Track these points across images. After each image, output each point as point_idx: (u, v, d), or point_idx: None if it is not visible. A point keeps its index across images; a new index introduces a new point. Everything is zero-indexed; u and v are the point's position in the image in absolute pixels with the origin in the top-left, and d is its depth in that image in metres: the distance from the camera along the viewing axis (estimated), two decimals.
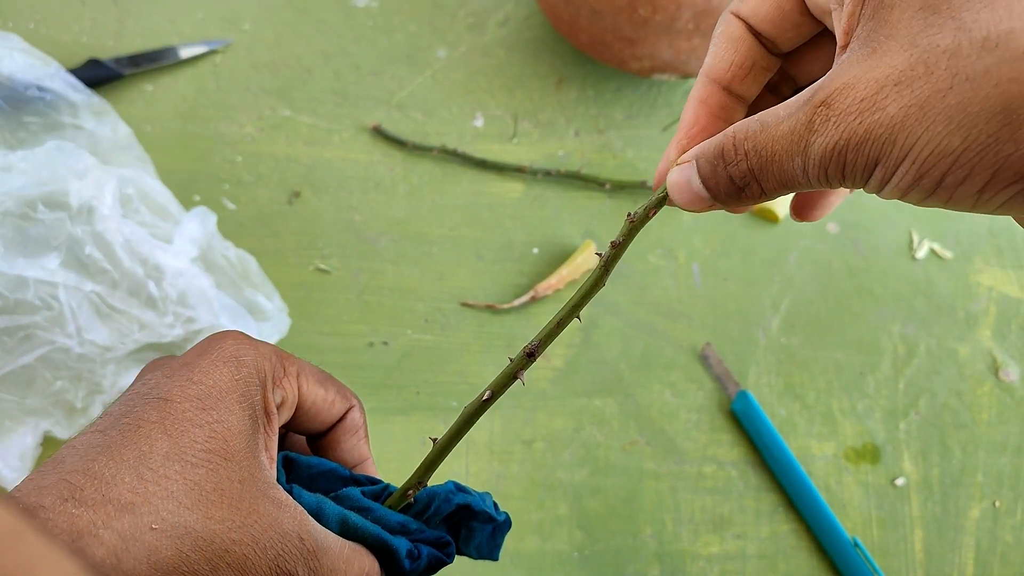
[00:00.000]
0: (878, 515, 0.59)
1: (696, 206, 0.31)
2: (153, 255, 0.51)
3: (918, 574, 0.58)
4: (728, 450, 0.60)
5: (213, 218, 0.57)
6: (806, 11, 0.31)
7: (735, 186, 0.29)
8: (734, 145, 0.28)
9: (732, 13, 0.31)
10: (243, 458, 0.31)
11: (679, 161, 0.31)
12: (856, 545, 0.56)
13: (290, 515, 0.32)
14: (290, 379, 0.35)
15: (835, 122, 0.25)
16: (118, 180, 0.52)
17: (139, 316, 0.51)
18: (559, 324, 0.34)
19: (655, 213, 0.33)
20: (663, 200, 0.32)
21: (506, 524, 0.39)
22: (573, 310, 0.34)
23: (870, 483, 0.60)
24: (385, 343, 0.61)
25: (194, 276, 0.52)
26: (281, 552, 0.31)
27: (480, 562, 0.56)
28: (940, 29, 0.24)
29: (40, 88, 0.56)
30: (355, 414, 0.38)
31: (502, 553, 0.56)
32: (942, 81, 0.23)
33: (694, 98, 0.32)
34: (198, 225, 0.55)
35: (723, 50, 0.31)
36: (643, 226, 0.33)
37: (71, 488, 0.29)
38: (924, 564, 0.58)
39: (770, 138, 0.27)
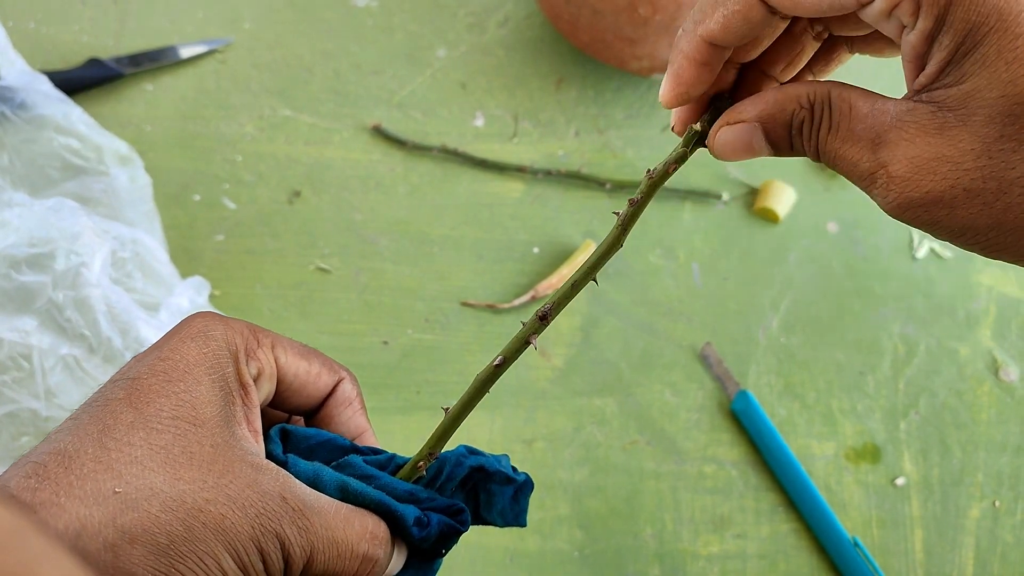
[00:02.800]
0: (878, 515, 0.59)
1: (744, 158, 0.33)
2: (135, 326, 0.50)
3: (918, 574, 0.58)
4: (728, 450, 0.60)
5: (207, 290, 0.56)
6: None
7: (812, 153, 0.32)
8: (801, 132, 0.31)
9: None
10: (215, 425, 0.31)
11: (731, 121, 0.32)
12: (856, 545, 0.56)
13: (271, 477, 0.31)
14: (265, 351, 0.34)
15: (897, 194, 0.28)
16: (115, 243, 0.51)
17: None
18: (574, 286, 0.33)
19: (675, 169, 0.32)
20: (684, 156, 0.32)
21: (528, 485, 0.37)
22: (589, 272, 0.33)
23: (870, 483, 0.60)
24: (385, 342, 0.61)
25: None
26: (263, 511, 0.30)
27: (481, 558, 0.56)
28: (1017, 149, 0.26)
29: (67, 133, 0.55)
30: (346, 385, 0.37)
31: (502, 552, 0.56)
32: (1016, 206, 0.27)
33: (694, 60, 0.31)
34: (188, 299, 0.54)
35: (738, 25, 0.30)
36: (663, 183, 0.32)
37: (35, 467, 0.28)
38: (924, 564, 0.58)
39: (833, 150, 0.30)
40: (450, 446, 0.36)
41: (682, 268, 0.65)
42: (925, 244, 0.67)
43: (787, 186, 0.67)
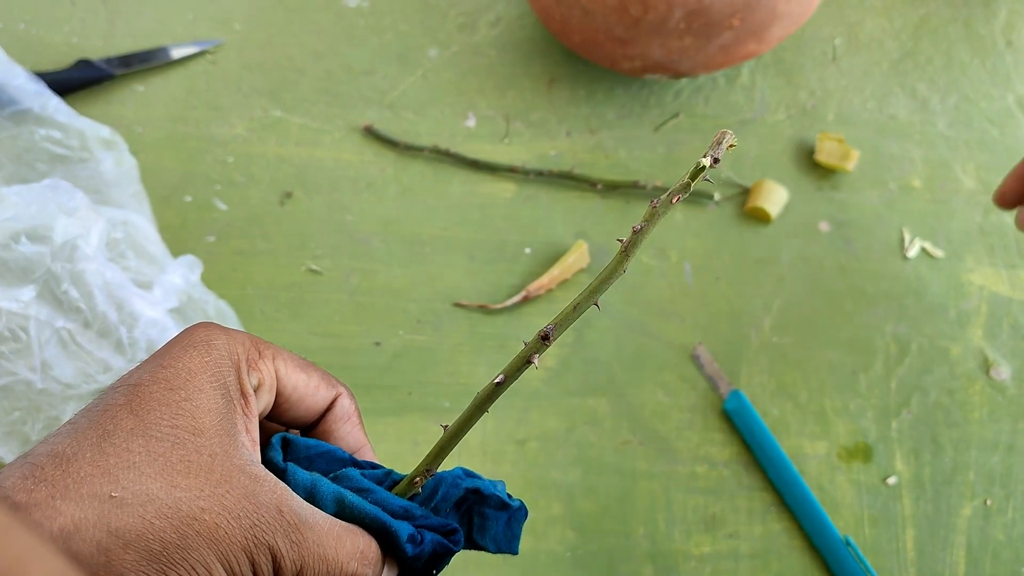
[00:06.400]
0: (870, 514, 0.59)
1: None
2: (130, 301, 0.50)
3: (910, 572, 0.58)
4: (720, 450, 0.60)
5: (199, 268, 0.56)
6: None
7: None
8: None
9: None
10: (214, 434, 0.31)
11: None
12: (848, 544, 0.56)
13: (268, 488, 0.31)
14: (266, 362, 0.34)
15: None
16: (108, 222, 0.51)
17: (106, 359, 0.50)
18: (575, 309, 0.33)
19: (679, 199, 0.33)
20: (688, 187, 0.33)
21: (522, 512, 0.37)
22: (591, 296, 0.33)
23: (862, 482, 0.60)
24: (377, 344, 0.61)
25: (167, 328, 0.52)
26: (257, 522, 0.30)
27: (474, 560, 0.56)
28: None
29: (47, 121, 0.55)
30: (344, 400, 0.37)
31: (493, 552, 0.56)
32: None
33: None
34: (181, 276, 0.54)
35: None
36: (666, 212, 0.33)
37: (33, 468, 0.29)
38: (916, 562, 0.58)
39: None
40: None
41: (674, 268, 0.65)
42: (916, 243, 0.67)
43: (779, 186, 0.67)
